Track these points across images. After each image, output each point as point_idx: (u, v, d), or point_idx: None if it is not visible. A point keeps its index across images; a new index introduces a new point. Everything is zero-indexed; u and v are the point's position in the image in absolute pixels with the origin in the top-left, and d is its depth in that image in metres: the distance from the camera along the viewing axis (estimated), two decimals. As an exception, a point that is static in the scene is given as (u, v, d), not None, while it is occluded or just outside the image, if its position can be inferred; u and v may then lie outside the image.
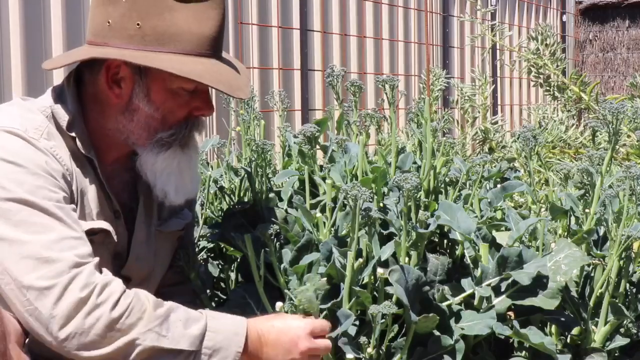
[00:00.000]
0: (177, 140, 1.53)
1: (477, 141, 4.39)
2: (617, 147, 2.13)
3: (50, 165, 1.42)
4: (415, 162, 1.87)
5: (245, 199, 2.00)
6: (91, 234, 1.49)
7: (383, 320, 1.45)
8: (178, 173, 1.55)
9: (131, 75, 1.50)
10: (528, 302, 1.56)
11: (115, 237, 1.56)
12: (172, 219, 1.70)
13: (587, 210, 1.72)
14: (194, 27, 1.47)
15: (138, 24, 1.45)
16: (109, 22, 1.46)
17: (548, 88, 4.55)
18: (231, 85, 1.51)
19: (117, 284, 1.38)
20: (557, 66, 4.48)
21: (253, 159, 1.92)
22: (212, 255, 2.05)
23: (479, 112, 4.59)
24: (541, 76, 4.53)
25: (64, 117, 1.50)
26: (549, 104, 4.87)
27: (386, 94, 1.77)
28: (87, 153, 1.52)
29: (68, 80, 1.56)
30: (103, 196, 1.55)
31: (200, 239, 2.01)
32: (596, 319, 1.66)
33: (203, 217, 2.04)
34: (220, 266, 2.00)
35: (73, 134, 1.50)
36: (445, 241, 1.84)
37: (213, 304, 1.88)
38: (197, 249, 1.96)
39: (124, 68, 1.50)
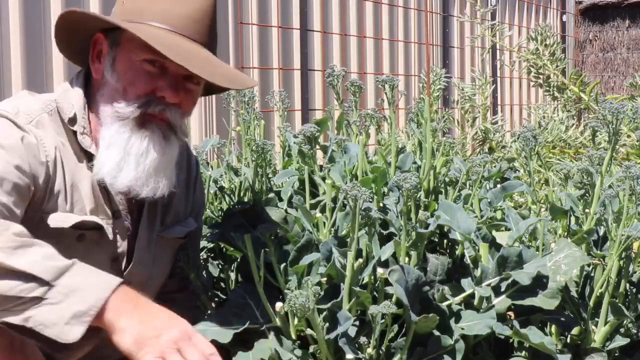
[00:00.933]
0: (132, 114, 1.47)
1: (477, 141, 4.39)
2: (617, 147, 2.13)
3: (26, 140, 1.41)
4: (415, 162, 1.87)
5: (245, 199, 2.00)
6: (82, 227, 1.48)
7: (383, 320, 1.45)
8: (124, 150, 1.47)
9: (107, 49, 1.51)
10: (528, 302, 1.56)
11: (110, 236, 1.54)
12: (175, 226, 1.68)
13: (587, 210, 1.72)
14: (175, 6, 1.48)
15: (123, 3, 1.51)
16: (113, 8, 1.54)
17: (548, 88, 4.55)
18: (193, 63, 1.42)
19: None
20: (557, 66, 4.48)
21: (253, 159, 1.92)
22: (212, 255, 2.05)
23: (479, 112, 4.59)
24: (541, 76, 4.53)
25: (67, 111, 1.50)
26: (549, 104, 4.87)
27: (386, 94, 1.77)
28: (88, 148, 1.51)
29: (78, 75, 1.57)
30: (101, 194, 1.53)
31: (201, 239, 2.01)
32: (596, 319, 1.66)
33: (203, 217, 2.04)
34: (220, 266, 2.00)
35: (74, 129, 1.50)
36: (445, 241, 1.84)
37: (213, 304, 1.88)
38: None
39: (103, 42, 1.52)
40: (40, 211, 1.45)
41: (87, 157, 1.52)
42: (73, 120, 1.51)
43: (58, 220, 1.46)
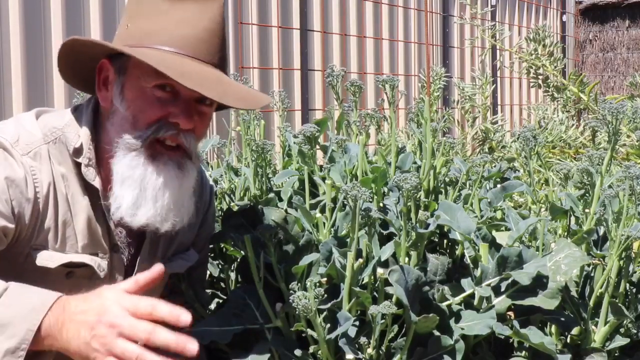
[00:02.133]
0: (143, 144, 1.40)
1: (477, 141, 4.39)
2: (617, 147, 2.13)
3: (11, 177, 1.37)
4: (415, 162, 1.87)
5: (245, 199, 2.00)
6: (71, 266, 1.45)
7: (383, 320, 1.45)
8: (140, 186, 1.41)
9: (113, 75, 1.45)
10: (528, 302, 1.56)
11: (102, 273, 1.49)
12: (176, 260, 1.62)
13: (587, 210, 1.72)
14: (182, 28, 1.42)
15: (127, 26, 1.44)
16: (127, 26, 1.46)
17: (547, 89, 4.55)
18: (206, 86, 1.37)
19: None
20: (556, 67, 4.47)
21: (253, 159, 1.92)
22: (212, 255, 2.05)
23: (479, 111, 4.59)
24: (540, 77, 4.52)
25: (72, 142, 1.44)
26: (549, 104, 4.87)
27: (386, 94, 1.77)
28: (91, 181, 1.45)
29: (89, 102, 1.52)
30: (100, 228, 1.48)
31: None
32: (596, 319, 1.66)
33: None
34: (220, 266, 2.00)
35: (79, 160, 1.44)
36: (445, 241, 1.84)
37: (212, 305, 1.88)
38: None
39: (109, 68, 1.46)
40: (29, 247, 1.42)
41: (89, 190, 1.47)
42: (78, 152, 1.44)
43: (44, 259, 1.42)
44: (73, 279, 1.45)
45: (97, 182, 1.46)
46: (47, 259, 1.43)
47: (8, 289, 1.25)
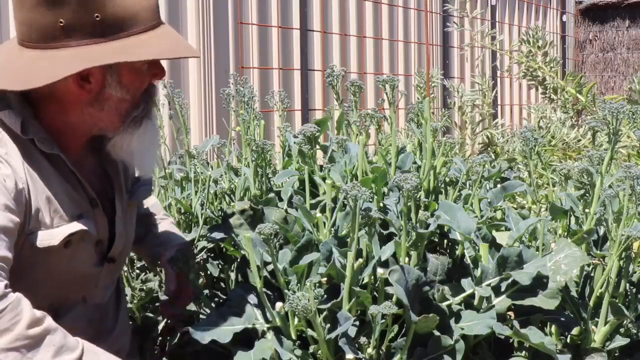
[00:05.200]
0: (146, 113, 1.56)
1: (482, 146, 4.37)
2: (617, 147, 2.13)
3: (2, 171, 1.39)
4: (415, 162, 1.87)
5: (245, 199, 1.99)
6: (68, 235, 1.48)
7: (383, 320, 1.45)
8: (150, 146, 1.60)
9: (101, 67, 1.47)
10: (528, 302, 1.56)
11: (94, 232, 1.54)
12: (138, 188, 1.73)
13: (587, 210, 1.72)
14: (143, 2, 1.48)
15: (97, 16, 1.42)
16: (61, 22, 1.41)
17: (544, 90, 4.54)
18: (187, 47, 1.56)
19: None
20: (552, 68, 4.46)
21: (253, 159, 1.92)
22: (212, 255, 2.05)
23: (480, 117, 4.57)
24: (536, 79, 4.51)
25: (15, 122, 1.45)
26: (547, 105, 4.87)
27: (386, 93, 1.77)
28: (50, 150, 1.48)
29: (12, 94, 1.50)
30: (75, 189, 1.53)
31: (200, 239, 2.01)
32: (596, 319, 1.66)
33: (203, 217, 2.04)
34: (220, 266, 2.00)
35: (30, 137, 1.46)
36: (445, 241, 1.84)
37: (213, 304, 1.88)
38: (193, 245, 1.97)
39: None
40: (24, 234, 1.43)
41: (50, 159, 1.49)
42: (25, 129, 1.46)
43: (45, 239, 1.46)
44: (71, 247, 1.50)
45: (57, 150, 1.50)
46: (48, 238, 1.46)
47: (84, 348, 1.33)
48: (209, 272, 2.01)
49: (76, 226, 1.50)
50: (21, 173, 1.42)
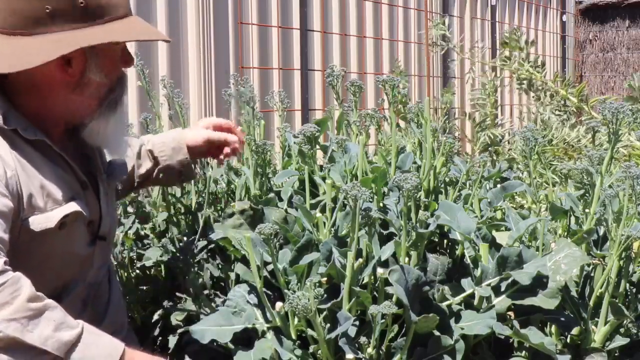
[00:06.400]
0: (120, 96, 1.61)
1: (484, 145, 4.36)
2: (618, 147, 2.13)
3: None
4: (415, 162, 1.87)
5: (246, 199, 2.00)
6: (63, 216, 1.52)
7: (383, 320, 1.45)
8: (123, 131, 1.67)
9: (82, 51, 1.52)
10: (528, 302, 1.56)
11: (87, 212, 1.58)
12: (114, 168, 1.76)
13: (587, 210, 1.72)
14: None
15: (82, 2, 1.49)
16: (47, 8, 1.46)
17: (535, 94, 4.51)
18: (159, 33, 1.67)
19: None
20: (536, 68, 4.42)
21: (253, 159, 1.92)
22: (212, 255, 2.05)
23: (485, 120, 4.56)
24: (524, 82, 4.47)
25: None
26: (542, 105, 4.84)
27: (386, 93, 1.77)
28: (34, 137, 1.51)
29: None
30: (66, 172, 1.57)
31: (200, 239, 2.01)
32: (596, 319, 1.66)
33: (203, 217, 2.04)
34: (220, 266, 2.00)
35: (13, 127, 1.49)
36: (445, 241, 1.84)
37: (213, 304, 1.88)
38: (190, 238, 1.99)
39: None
40: (20, 220, 1.45)
41: (36, 145, 1.52)
42: (6, 120, 1.49)
43: (41, 223, 1.48)
44: (65, 228, 1.52)
45: (41, 136, 1.53)
46: (44, 221, 1.49)
47: (84, 327, 1.34)
48: (209, 272, 2.01)
49: (70, 207, 1.53)
50: (10, 161, 1.45)
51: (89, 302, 1.65)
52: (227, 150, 1.93)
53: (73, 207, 1.54)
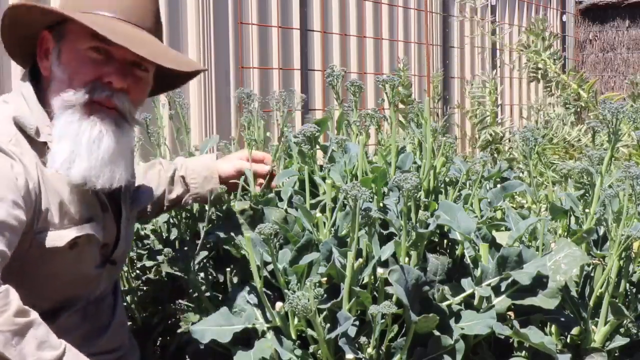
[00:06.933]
0: (78, 101, 1.46)
1: (484, 142, 4.36)
2: (618, 147, 2.13)
3: (15, 168, 1.40)
4: (415, 162, 1.87)
5: (246, 199, 1.99)
6: (75, 237, 1.50)
7: (383, 320, 1.45)
8: (74, 140, 1.46)
9: (53, 43, 1.51)
10: (528, 302, 1.56)
11: (101, 235, 1.56)
12: (141, 195, 1.74)
13: (587, 210, 1.72)
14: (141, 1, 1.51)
15: None
16: None
17: (547, 84, 4.52)
18: (137, 46, 1.44)
19: None
20: (555, 61, 4.44)
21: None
22: (213, 255, 2.05)
23: (485, 118, 4.56)
24: (539, 71, 4.48)
25: (29, 125, 1.47)
26: (548, 100, 4.84)
27: (386, 93, 1.77)
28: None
29: (24, 78, 1.55)
30: (87, 192, 1.53)
31: (201, 240, 2.00)
32: (596, 319, 1.66)
33: (207, 217, 2.03)
34: (220, 266, 2.00)
35: (43, 140, 1.48)
36: (445, 241, 1.84)
37: (213, 304, 1.88)
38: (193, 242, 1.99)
39: (49, 39, 1.51)
40: (32, 232, 1.45)
41: None
42: (38, 131, 1.48)
43: (53, 239, 1.47)
44: (77, 248, 1.51)
45: None
46: (56, 239, 1.48)
47: (66, 348, 1.33)
48: (209, 272, 2.01)
49: (83, 229, 1.52)
50: (33, 172, 1.44)
51: (87, 318, 1.63)
52: (259, 180, 1.87)
53: (86, 229, 1.52)
